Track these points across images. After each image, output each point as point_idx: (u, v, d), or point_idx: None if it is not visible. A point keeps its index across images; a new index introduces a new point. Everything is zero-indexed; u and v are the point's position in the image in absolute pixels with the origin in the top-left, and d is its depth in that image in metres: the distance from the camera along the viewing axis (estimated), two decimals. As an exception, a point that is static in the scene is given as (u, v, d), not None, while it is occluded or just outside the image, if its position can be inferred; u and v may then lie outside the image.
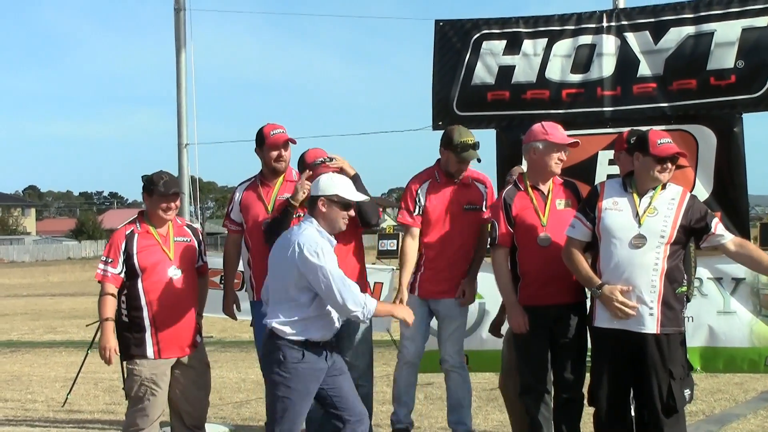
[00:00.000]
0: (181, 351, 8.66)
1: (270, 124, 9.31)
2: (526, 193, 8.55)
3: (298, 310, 7.45)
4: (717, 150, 9.67)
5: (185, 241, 8.79)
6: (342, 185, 7.68)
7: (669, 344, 7.59)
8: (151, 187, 8.61)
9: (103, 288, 8.54)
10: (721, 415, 11.52)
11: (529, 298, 8.37)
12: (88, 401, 13.72)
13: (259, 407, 12.68)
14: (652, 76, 9.89)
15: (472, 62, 10.41)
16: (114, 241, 8.61)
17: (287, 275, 7.44)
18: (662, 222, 7.63)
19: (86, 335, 19.19)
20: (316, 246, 7.36)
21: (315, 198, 7.65)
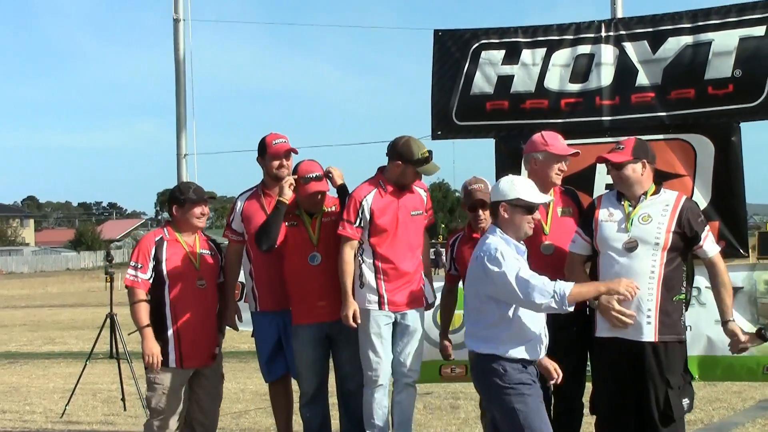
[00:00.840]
0: (202, 361, 8.69)
1: (272, 133, 9.34)
2: None
3: (496, 327, 7.11)
4: (715, 159, 9.67)
5: (210, 254, 8.85)
6: (524, 188, 7.33)
7: (667, 352, 7.61)
8: (181, 197, 8.67)
9: (135, 294, 8.55)
10: (720, 424, 11.54)
11: None
12: (86, 412, 13.73)
13: (257, 417, 12.70)
14: (651, 85, 9.90)
15: (471, 72, 10.42)
16: (143, 247, 8.63)
17: (479, 292, 7.18)
18: (656, 228, 7.67)
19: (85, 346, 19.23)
20: (496, 252, 7.04)
21: (496, 204, 7.31)
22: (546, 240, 8.39)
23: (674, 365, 7.66)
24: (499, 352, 7.08)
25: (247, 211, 9.33)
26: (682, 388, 7.72)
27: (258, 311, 9.32)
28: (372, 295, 8.70)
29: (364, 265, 8.74)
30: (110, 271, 14.58)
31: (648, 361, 7.63)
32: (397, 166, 8.76)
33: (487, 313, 7.14)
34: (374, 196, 8.76)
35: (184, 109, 11.75)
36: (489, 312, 7.13)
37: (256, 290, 9.27)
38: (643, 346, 7.62)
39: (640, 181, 7.87)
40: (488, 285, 7.05)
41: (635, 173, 7.87)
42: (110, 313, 13.85)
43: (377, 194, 8.78)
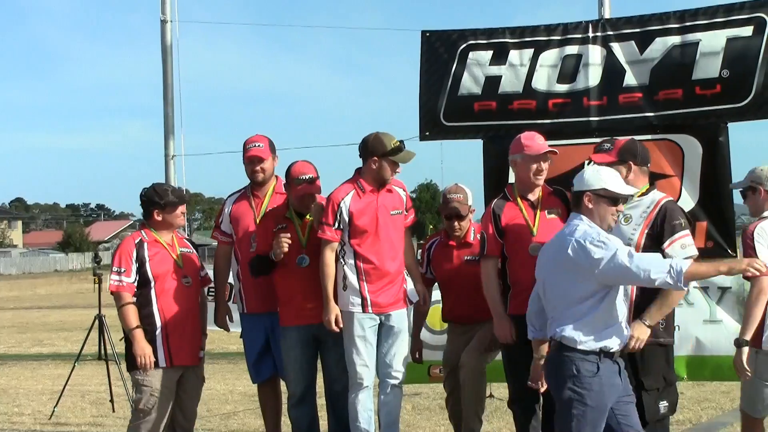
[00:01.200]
0: (190, 359, 8.69)
1: (252, 136, 9.33)
2: (515, 204, 8.57)
3: (588, 314, 6.88)
4: (703, 159, 9.68)
5: (189, 252, 8.85)
6: (610, 178, 7.12)
7: (642, 355, 7.55)
8: (161, 200, 8.64)
9: (121, 298, 8.53)
10: (708, 424, 11.55)
11: (519, 307, 8.37)
12: (75, 414, 13.70)
13: (246, 418, 12.68)
14: (638, 85, 9.90)
15: (459, 73, 10.41)
16: (124, 250, 8.61)
17: (568, 279, 6.94)
18: (631, 230, 7.65)
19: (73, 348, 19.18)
20: (599, 236, 6.84)
21: (580, 193, 7.10)
22: (534, 241, 8.39)
23: (650, 367, 7.61)
24: (585, 346, 6.90)
25: (236, 212, 9.33)
26: (662, 390, 7.66)
27: (245, 313, 9.31)
28: (355, 297, 8.66)
29: (346, 267, 8.69)
30: (98, 272, 14.56)
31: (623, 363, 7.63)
32: (374, 163, 8.69)
33: (579, 302, 6.93)
34: (352, 197, 8.69)
35: (171, 110, 11.73)
36: (581, 301, 6.92)
37: (243, 292, 9.27)
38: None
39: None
40: (588, 271, 6.81)
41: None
42: (98, 314, 13.83)
43: (355, 195, 8.71)
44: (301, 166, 8.95)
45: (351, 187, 8.77)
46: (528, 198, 8.57)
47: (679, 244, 7.55)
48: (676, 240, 7.56)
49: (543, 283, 7.21)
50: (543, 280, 7.21)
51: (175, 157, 11.70)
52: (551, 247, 7.16)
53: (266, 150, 9.26)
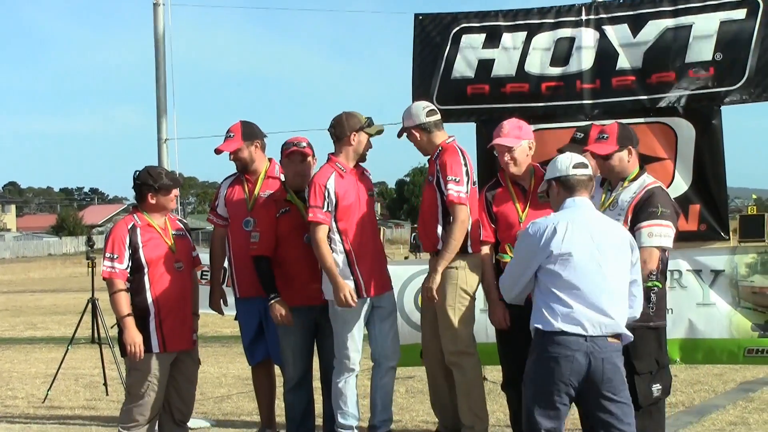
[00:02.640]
0: (184, 344, 8.66)
1: (232, 125, 9.32)
2: (506, 189, 8.56)
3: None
4: (696, 142, 9.68)
5: (182, 235, 8.81)
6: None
7: (633, 338, 7.56)
8: (155, 183, 8.59)
9: (114, 285, 8.48)
10: (701, 407, 11.55)
11: None
12: (68, 397, 13.68)
13: (240, 402, 12.67)
14: (631, 69, 9.90)
15: (452, 56, 10.40)
16: (116, 236, 8.55)
17: (627, 266, 6.97)
18: (616, 215, 7.63)
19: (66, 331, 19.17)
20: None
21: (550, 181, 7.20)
22: (521, 228, 8.38)
23: (641, 351, 7.60)
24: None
25: (230, 196, 9.34)
26: (654, 374, 7.67)
27: (239, 297, 9.30)
28: (349, 282, 8.62)
29: (335, 253, 8.64)
30: (92, 256, 14.50)
31: None
32: (353, 138, 8.69)
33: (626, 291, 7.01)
34: (335, 178, 8.64)
35: (164, 94, 11.70)
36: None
37: (235, 276, 9.26)
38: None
39: (625, 168, 7.83)
40: (633, 260, 7.00)
41: (622, 162, 7.83)
42: (92, 298, 13.78)
43: (337, 176, 8.65)
44: (294, 138, 8.99)
45: (330, 168, 8.70)
46: (520, 183, 8.55)
47: (647, 231, 7.51)
48: (644, 227, 7.52)
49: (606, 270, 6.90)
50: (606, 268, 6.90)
51: (168, 140, 11.67)
52: (587, 234, 6.90)
53: (236, 140, 9.22)
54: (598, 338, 6.68)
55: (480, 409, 8.63)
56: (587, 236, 6.82)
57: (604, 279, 6.78)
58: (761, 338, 9.72)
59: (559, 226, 6.84)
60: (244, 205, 9.20)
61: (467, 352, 8.55)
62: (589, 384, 6.68)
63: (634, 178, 7.80)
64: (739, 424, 10.49)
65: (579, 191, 7.03)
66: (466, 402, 8.56)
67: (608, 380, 6.69)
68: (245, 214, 9.17)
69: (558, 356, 6.66)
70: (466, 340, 8.55)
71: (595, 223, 6.95)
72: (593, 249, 6.80)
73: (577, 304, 6.71)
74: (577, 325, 6.68)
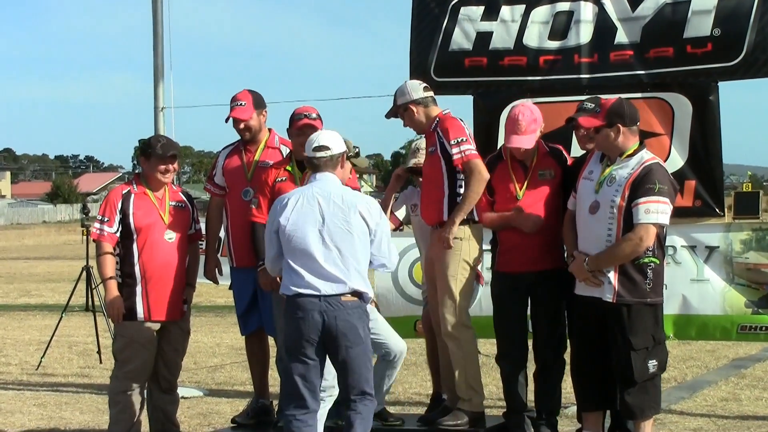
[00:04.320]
0: (170, 314, 8.62)
1: (238, 93, 9.25)
2: (506, 165, 8.54)
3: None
4: (693, 118, 9.68)
5: (180, 206, 8.76)
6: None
7: (630, 314, 7.57)
8: (148, 150, 8.58)
9: (101, 247, 8.50)
10: (693, 382, 11.61)
11: (506, 264, 8.47)
12: (62, 364, 13.73)
13: (233, 372, 12.71)
14: (629, 43, 9.89)
15: (450, 28, 10.38)
16: (110, 200, 8.57)
17: (357, 233, 7.52)
18: (614, 191, 7.60)
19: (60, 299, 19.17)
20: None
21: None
22: (517, 205, 8.38)
23: (638, 327, 7.60)
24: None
25: (228, 165, 9.29)
26: (651, 349, 7.65)
27: (235, 267, 9.29)
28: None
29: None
30: (86, 224, 14.55)
31: (610, 322, 7.64)
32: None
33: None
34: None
35: (161, 61, 11.70)
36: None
37: (232, 246, 9.24)
38: (606, 306, 7.63)
39: (614, 146, 7.72)
40: (371, 225, 7.56)
41: (608, 139, 7.73)
42: (86, 266, 13.81)
43: None
44: (303, 108, 8.94)
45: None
46: (521, 159, 8.52)
47: (644, 208, 7.48)
48: (641, 203, 7.48)
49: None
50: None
51: (164, 109, 11.68)
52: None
53: (248, 108, 9.16)
54: (332, 297, 7.33)
55: (476, 382, 8.65)
56: (315, 208, 7.43)
57: (332, 245, 7.38)
58: (755, 315, 9.78)
59: (291, 200, 7.52)
60: (243, 175, 9.16)
61: (466, 325, 8.56)
62: (328, 337, 7.33)
63: (632, 153, 7.71)
64: (730, 400, 10.55)
65: (322, 169, 7.59)
66: (463, 375, 8.56)
67: (342, 335, 7.33)
68: (244, 184, 9.13)
69: (298, 317, 7.36)
70: (465, 312, 8.56)
71: (329, 195, 7.47)
72: (319, 219, 7.41)
73: (305, 270, 7.37)
74: (308, 288, 7.35)
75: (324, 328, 7.30)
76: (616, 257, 7.56)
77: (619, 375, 7.65)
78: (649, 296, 7.65)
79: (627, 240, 7.50)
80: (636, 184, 7.53)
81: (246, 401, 9.89)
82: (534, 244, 8.33)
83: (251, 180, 9.10)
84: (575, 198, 7.97)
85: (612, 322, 7.64)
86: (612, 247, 7.57)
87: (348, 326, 7.32)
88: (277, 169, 8.87)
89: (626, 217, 7.53)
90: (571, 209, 8.03)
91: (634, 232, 7.46)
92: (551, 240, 8.30)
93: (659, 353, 7.74)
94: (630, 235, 7.49)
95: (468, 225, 8.44)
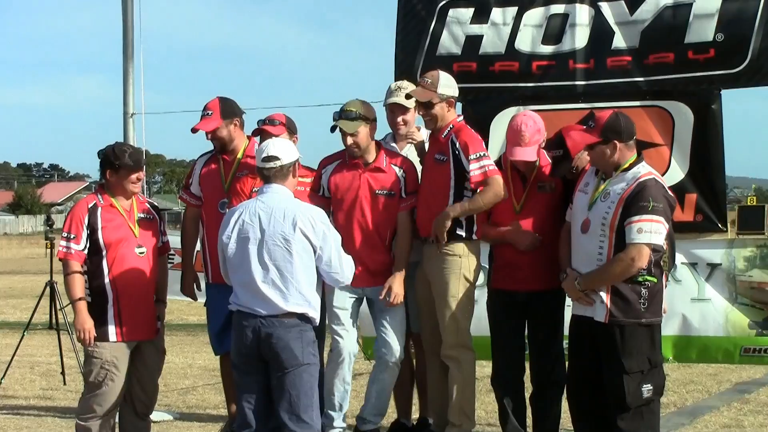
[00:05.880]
0: (144, 334, 8.60)
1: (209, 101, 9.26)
2: (506, 176, 8.55)
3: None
4: (694, 128, 9.69)
5: (148, 219, 8.74)
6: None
7: (623, 335, 7.58)
8: (116, 162, 8.54)
9: (68, 266, 8.45)
10: (693, 408, 11.61)
11: (501, 281, 8.53)
12: (23, 386, 13.67)
13: (205, 394, 12.68)
14: (627, 48, 9.91)
15: (438, 31, 10.40)
16: (75, 214, 8.53)
17: (299, 249, 7.64)
18: (607, 207, 7.63)
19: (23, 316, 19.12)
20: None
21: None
22: (515, 219, 8.41)
23: (632, 349, 7.60)
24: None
25: (204, 175, 9.31)
26: (645, 373, 7.65)
27: (211, 283, 9.28)
28: None
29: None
30: (50, 236, 14.46)
31: (602, 343, 7.68)
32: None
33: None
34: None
35: (132, 65, 11.69)
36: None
37: (209, 261, 9.23)
38: (598, 326, 7.67)
39: (609, 162, 7.74)
40: (315, 241, 7.73)
41: (603, 157, 7.74)
42: (50, 281, 13.76)
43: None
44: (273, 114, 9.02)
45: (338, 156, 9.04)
46: (520, 170, 8.54)
47: (636, 227, 7.48)
48: (634, 222, 7.48)
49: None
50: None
51: (134, 115, 11.67)
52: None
53: (214, 118, 9.16)
54: (267, 317, 7.52)
55: (470, 408, 8.69)
56: (256, 225, 7.58)
57: (270, 264, 7.52)
58: (759, 336, 9.78)
59: (234, 215, 7.72)
60: (220, 186, 9.16)
61: (467, 347, 8.60)
62: (265, 356, 7.53)
63: (627, 168, 7.73)
64: (733, 426, 10.55)
65: (272, 180, 7.70)
66: (459, 399, 8.58)
67: (275, 354, 7.50)
68: (221, 196, 9.14)
69: (236, 332, 7.66)
70: (466, 333, 8.60)
71: (271, 211, 7.59)
72: (258, 236, 7.55)
73: (243, 289, 7.62)
74: (245, 307, 7.59)
75: (259, 346, 7.51)
76: (607, 277, 7.60)
77: (612, 399, 7.66)
78: (643, 316, 7.65)
79: (618, 261, 7.54)
80: (629, 202, 7.53)
81: (219, 425, 9.88)
82: (530, 261, 8.39)
83: (228, 191, 9.11)
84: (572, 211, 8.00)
85: (604, 344, 7.66)
86: (603, 267, 7.63)
87: (282, 345, 7.48)
88: (253, 178, 8.90)
89: (618, 235, 7.56)
90: (568, 221, 8.06)
91: (626, 253, 7.49)
92: (549, 257, 8.30)
93: (655, 377, 7.74)
94: (621, 255, 7.52)
95: (466, 241, 8.48)
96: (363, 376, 12.35)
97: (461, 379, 8.57)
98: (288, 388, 7.48)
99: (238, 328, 7.62)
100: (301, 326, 7.54)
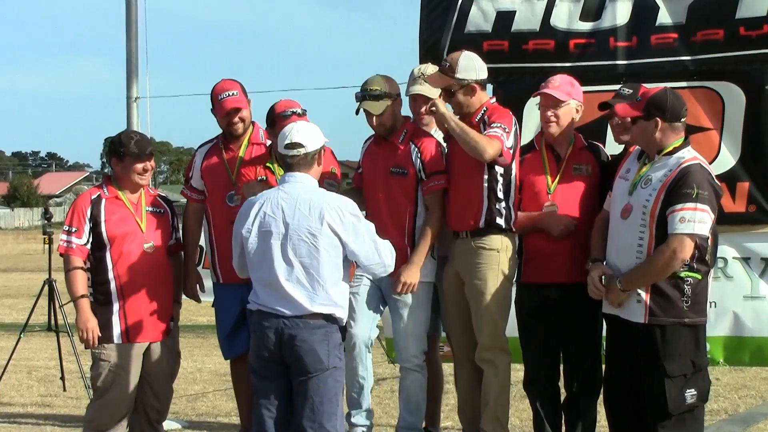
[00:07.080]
0: (152, 336, 8.61)
1: (222, 82, 9.17)
2: (538, 154, 8.54)
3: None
4: (746, 110, 9.65)
5: (158, 212, 8.74)
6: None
7: (664, 336, 7.53)
8: (121, 149, 8.54)
9: (69, 262, 8.49)
10: (746, 415, 11.57)
11: (531, 274, 8.47)
12: (20, 392, 13.71)
13: (217, 401, 12.69)
14: (673, 25, 9.86)
15: (466, 6, 10.36)
16: (77, 207, 8.56)
17: (325, 243, 7.59)
18: (648, 194, 7.58)
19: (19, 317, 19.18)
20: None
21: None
22: (549, 200, 8.38)
23: (674, 351, 7.54)
24: None
25: (207, 166, 9.24)
26: (689, 377, 7.59)
27: (220, 283, 9.26)
28: None
29: None
30: (49, 231, 14.52)
31: (641, 345, 7.63)
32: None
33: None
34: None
35: (135, 47, 11.70)
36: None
37: (217, 261, 9.20)
38: (636, 327, 7.62)
39: (651, 141, 7.69)
40: (341, 233, 7.68)
41: (644, 133, 7.70)
42: (48, 279, 13.78)
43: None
44: (287, 102, 8.97)
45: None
46: (556, 150, 8.52)
47: (679, 216, 7.40)
48: (677, 210, 7.41)
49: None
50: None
51: (138, 99, 11.68)
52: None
53: (242, 98, 9.13)
54: (291, 318, 7.43)
55: (504, 416, 8.67)
56: (279, 217, 7.48)
57: (295, 261, 7.43)
58: (817, 337, 9.73)
59: (254, 207, 7.60)
60: (226, 177, 9.11)
61: (504, 349, 8.57)
62: (287, 359, 7.46)
63: (671, 151, 7.66)
64: (789, 435, 10.52)
65: (295, 169, 7.61)
66: (493, 406, 8.54)
67: (299, 358, 7.42)
68: (228, 187, 9.09)
69: (256, 333, 7.57)
70: (503, 334, 8.58)
71: (295, 203, 7.50)
72: (281, 231, 7.47)
73: (266, 288, 7.52)
74: (267, 307, 7.50)
75: (281, 348, 7.45)
76: (650, 274, 7.54)
77: (652, 406, 7.62)
78: (687, 316, 7.59)
79: (659, 253, 7.46)
80: (672, 188, 7.47)
81: (231, 434, 9.89)
82: (563, 251, 8.34)
83: (235, 181, 9.08)
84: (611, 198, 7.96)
85: (644, 346, 7.61)
86: (643, 263, 7.55)
87: (306, 348, 7.42)
88: (256, 166, 8.90)
89: (660, 225, 7.50)
90: (607, 210, 8.01)
91: (667, 244, 7.42)
92: (584, 247, 8.24)
93: (699, 381, 7.69)
94: (662, 247, 7.45)
95: (504, 233, 8.44)
96: (387, 381, 12.37)
97: (497, 384, 8.54)
98: (311, 394, 7.42)
99: (258, 330, 7.53)
100: (327, 327, 7.47)
